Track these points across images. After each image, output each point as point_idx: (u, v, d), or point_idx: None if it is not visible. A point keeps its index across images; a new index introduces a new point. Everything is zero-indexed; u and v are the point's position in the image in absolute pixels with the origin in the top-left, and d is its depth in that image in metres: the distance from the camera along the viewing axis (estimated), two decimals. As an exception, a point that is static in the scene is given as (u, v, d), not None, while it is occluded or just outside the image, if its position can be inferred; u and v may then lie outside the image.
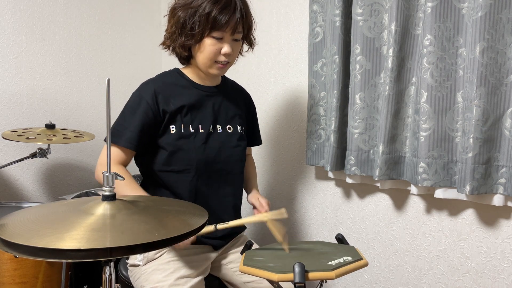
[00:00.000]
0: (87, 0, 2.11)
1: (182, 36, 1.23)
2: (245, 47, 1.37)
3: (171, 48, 1.30)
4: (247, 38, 1.33)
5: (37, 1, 1.94)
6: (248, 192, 1.47)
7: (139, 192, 1.23)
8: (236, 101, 1.43)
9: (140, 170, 1.37)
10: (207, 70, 1.29)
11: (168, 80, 1.32)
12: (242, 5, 1.23)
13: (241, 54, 1.35)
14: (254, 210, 1.38)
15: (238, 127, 1.40)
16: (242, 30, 1.26)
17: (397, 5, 1.35)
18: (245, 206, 1.95)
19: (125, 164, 1.28)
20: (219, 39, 1.22)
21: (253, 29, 1.32)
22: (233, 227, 1.19)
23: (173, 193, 1.30)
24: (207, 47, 1.23)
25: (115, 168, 1.24)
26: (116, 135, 1.25)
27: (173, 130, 1.27)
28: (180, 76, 1.34)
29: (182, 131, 1.27)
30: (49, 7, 1.98)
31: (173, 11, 1.25)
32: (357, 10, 1.44)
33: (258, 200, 1.36)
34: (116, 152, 1.25)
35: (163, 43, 1.31)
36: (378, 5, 1.43)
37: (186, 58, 1.31)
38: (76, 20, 2.08)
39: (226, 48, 1.23)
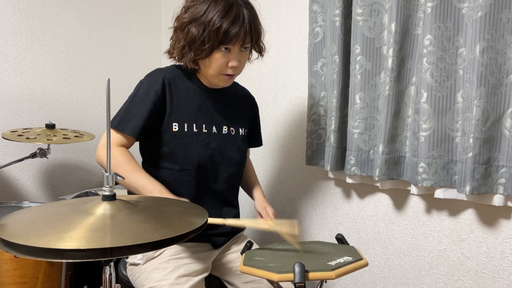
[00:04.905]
0: (87, 0, 2.11)
1: (192, 51, 1.23)
2: (255, 54, 1.34)
3: (177, 58, 1.29)
4: (256, 46, 1.31)
5: (37, 1, 1.94)
6: (253, 199, 1.45)
7: (140, 172, 1.23)
8: (240, 103, 1.44)
9: (143, 166, 1.37)
10: (214, 81, 1.29)
11: (178, 75, 1.31)
12: (251, 16, 1.22)
13: (249, 61, 1.34)
14: (258, 217, 1.35)
15: (241, 130, 1.40)
16: (251, 41, 1.25)
17: (397, 5, 1.34)
18: (244, 207, 1.95)
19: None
20: (227, 51, 1.22)
21: (262, 37, 1.31)
22: (241, 226, 1.21)
23: (173, 192, 1.30)
24: (216, 61, 1.23)
25: (117, 150, 1.23)
26: (122, 123, 1.25)
27: (175, 128, 1.27)
28: (190, 73, 1.33)
29: (185, 130, 1.28)
30: (49, 7, 1.98)
31: (181, 26, 1.23)
32: (357, 10, 1.44)
33: (265, 210, 1.35)
34: (118, 138, 1.25)
35: (169, 53, 1.30)
36: (378, 5, 1.43)
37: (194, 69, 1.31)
38: (76, 20, 2.08)
39: (233, 62, 1.23)
